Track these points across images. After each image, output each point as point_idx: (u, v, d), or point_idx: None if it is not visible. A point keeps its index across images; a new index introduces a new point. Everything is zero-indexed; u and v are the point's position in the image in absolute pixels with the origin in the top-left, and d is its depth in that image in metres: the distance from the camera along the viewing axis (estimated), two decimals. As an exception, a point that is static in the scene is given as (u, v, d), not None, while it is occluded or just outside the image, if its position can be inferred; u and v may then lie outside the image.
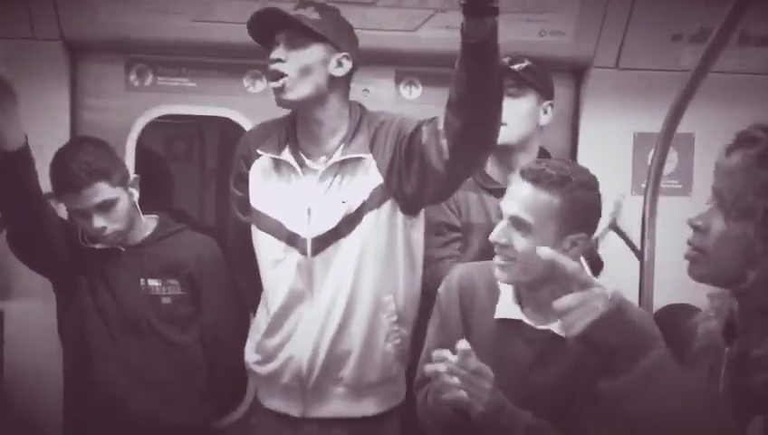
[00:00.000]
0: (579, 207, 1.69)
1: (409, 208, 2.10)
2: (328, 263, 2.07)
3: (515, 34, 2.51)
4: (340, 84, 2.08)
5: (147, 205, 2.38)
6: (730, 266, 1.29)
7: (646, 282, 2.12)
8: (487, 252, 1.85)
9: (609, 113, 2.68)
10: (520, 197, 1.71)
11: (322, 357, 2.09)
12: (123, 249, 2.28)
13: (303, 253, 2.07)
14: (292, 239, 2.08)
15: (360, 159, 2.06)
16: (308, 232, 2.07)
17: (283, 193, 2.11)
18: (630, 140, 2.71)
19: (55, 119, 2.56)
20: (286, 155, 2.10)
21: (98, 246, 2.26)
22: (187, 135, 3.10)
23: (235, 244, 2.29)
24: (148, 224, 2.36)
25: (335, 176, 2.08)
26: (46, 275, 2.31)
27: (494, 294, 1.83)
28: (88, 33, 2.51)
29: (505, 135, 2.20)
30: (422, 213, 2.17)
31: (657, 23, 2.58)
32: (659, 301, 2.21)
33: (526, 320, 1.78)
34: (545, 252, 1.40)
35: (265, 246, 2.13)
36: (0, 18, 2.40)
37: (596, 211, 1.74)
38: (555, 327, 1.74)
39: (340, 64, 2.06)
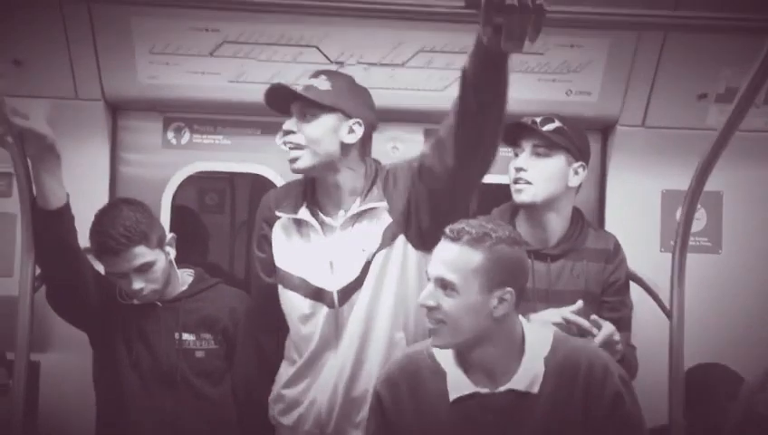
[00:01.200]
0: (501, 262, 1.69)
1: (424, 243, 2.10)
2: (351, 310, 2.11)
3: (542, 94, 2.57)
4: (354, 148, 2.13)
5: (181, 257, 2.42)
6: None
7: (676, 340, 2.10)
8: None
9: (636, 171, 2.71)
10: (443, 257, 1.72)
11: (340, 401, 2.11)
12: (160, 304, 2.32)
13: (331, 305, 2.11)
14: (318, 294, 2.12)
15: (376, 208, 2.11)
16: (333, 285, 2.11)
17: (304, 250, 2.15)
18: (658, 198, 2.72)
19: (95, 173, 2.65)
20: (304, 214, 2.15)
21: (135, 301, 2.30)
22: (218, 188, 3.16)
23: (260, 305, 2.30)
24: (184, 279, 2.41)
25: (353, 226, 2.12)
26: (83, 329, 2.34)
27: (439, 375, 1.80)
28: (128, 93, 2.62)
29: (530, 194, 2.24)
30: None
31: (682, 82, 2.61)
32: (690, 360, 2.19)
33: (482, 390, 1.75)
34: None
35: (293, 304, 2.16)
36: (46, 79, 2.50)
37: (520, 266, 1.75)
38: (515, 383, 1.74)
39: (351, 131, 2.11)
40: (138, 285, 2.20)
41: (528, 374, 1.74)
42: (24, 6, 2.34)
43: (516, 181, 2.26)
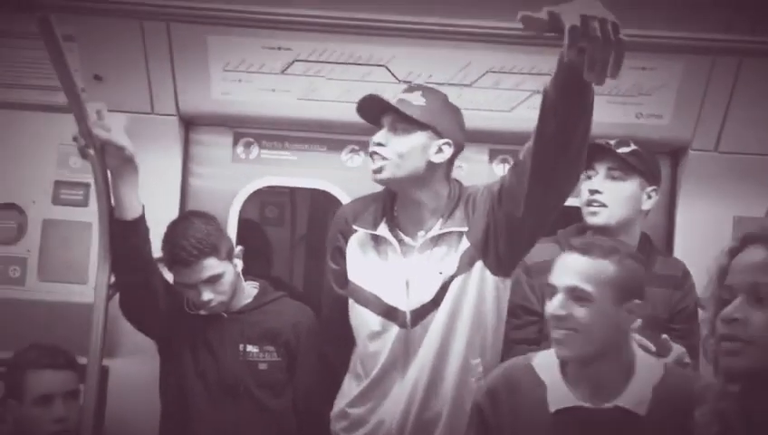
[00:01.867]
0: (630, 274, 1.74)
1: (502, 269, 2.11)
2: (424, 332, 2.10)
3: (612, 117, 2.53)
4: (440, 168, 2.12)
5: (246, 269, 2.46)
6: None
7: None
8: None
9: (708, 197, 2.64)
10: (574, 267, 1.74)
11: (411, 424, 2.09)
12: (225, 315, 2.36)
13: (403, 325, 2.10)
14: (390, 312, 2.12)
15: (457, 232, 2.10)
16: (407, 305, 2.10)
17: (380, 267, 2.15)
18: (730, 225, 2.65)
19: (167, 184, 2.72)
20: (383, 231, 2.14)
21: (202, 311, 2.35)
22: (279, 201, 3.22)
23: (329, 316, 2.33)
24: (249, 291, 2.45)
25: (432, 249, 2.11)
26: (152, 337, 2.40)
27: (539, 388, 1.79)
28: (202, 108, 2.69)
29: (605, 217, 2.22)
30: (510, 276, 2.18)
31: (758, 106, 2.54)
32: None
33: (586, 404, 1.74)
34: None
35: (363, 319, 2.16)
36: (124, 94, 2.59)
37: (642, 281, 1.79)
38: (622, 401, 1.71)
39: (440, 150, 2.09)
40: (207, 296, 2.25)
41: (636, 395, 1.73)
42: (106, 25, 2.42)
43: (590, 203, 2.24)
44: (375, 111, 2.13)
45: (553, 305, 1.74)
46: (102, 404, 2.57)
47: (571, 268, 1.74)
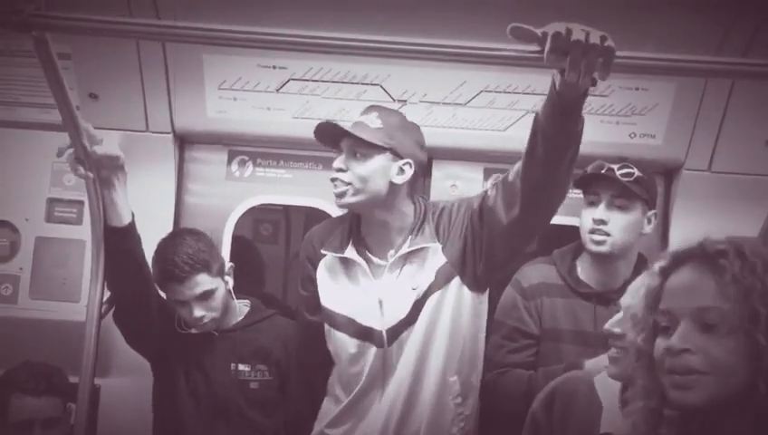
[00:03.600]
0: None
1: (479, 285, 2.11)
2: (401, 350, 2.09)
3: (605, 137, 2.55)
4: (403, 188, 2.10)
5: (238, 287, 2.46)
6: (738, 381, 1.20)
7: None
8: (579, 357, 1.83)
9: (701, 216, 2.64)
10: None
11: None
12: (216, 334, 2.35)
13: (380, 345, 2.09)
14: (366, 333, 2.11)
15: (425, 247, 2.09)
16: (382, 324, 2.09)
17: (351, 290, 2.14)
18: (723, 244, 2.65)
19: (162, 201, 2.72)
20: (351, 253, 2.13)
21: (193, 330, 2.34)
22: (273, 219, 3.21)
23: (302, 343, 2.30)
24: (240, 309, 2.44)
25: (403, 266, 2.10)
26: (144, 355, 2.39)
27: (594, 408, 1.74)
28: (197, 126, 2.70)
29: (608, 245, 2.20)
30: (487, 291, 2.18)
31: (751, 127, 2.56)
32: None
33: None
34: None
35: (340, 343, 2.15)
36: (119, 112, 2.60)
37: None
38: None
39: (401, 171, 2.08)
40: (198, 312, 2.24)
41: None
42: (101, 43, 2.43)
43: (594, 232, 2.22)
44: (333, 135, 2.11)
45: (610, 322, 1.70)
46: (94, 423, 2.56)
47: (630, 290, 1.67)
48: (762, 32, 2.28)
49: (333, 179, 2.09)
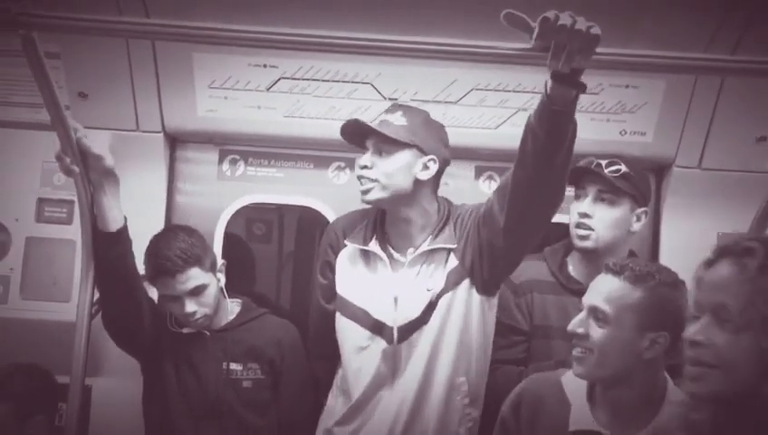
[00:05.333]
0: (659, 304, 1.68)
1: (487, 289, 2.12)
2: (411, 349, 2.10)
3: (596, 134, 2.55)
4: (427, 185, 2.14)
5: (231, 286, 2.46)
6: (742, 379, 1.24)
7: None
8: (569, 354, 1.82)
9: (692, 213, 2.65)
10: (600, 288, 1.73)
11: None
12: (208, 333, 2.35)
13: (389, 341, 2.10)
14: (377, 327, 2.12)
15: (445, 248, 2.10)
16: (394, 320, 2.10)
17: (369, 282, 2.16)
18: (714, 241, 2.66)
19: (153, 201, 2.72)
20: (374, 247, 2.15)
21: (185, 330, 2.33)
22: (266, 218, 3.20)
23: (316, 331, 2.32)
24: (232, 308, 2.44)
25: (421, 265, 2.12)
26: (135, 356, 2.38)
27: (563, 407, 1.78)
28: (187, 125, 2.68)
29: (592, 240, 2.22)
30: (496, 295, 2.19)
31: (741, 124, 2.56)
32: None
33: (604, 431, 1.71)
34: None
35: (350, 334, 2.16)
36: (109, 111, 2.58)
37: (679, 312, 1.68)
38: None
39: (426, 168, 2.11)
40: (191, 308, 2.24)
41: (662, 430, 1.67)
42: (91, 42, 2.42)
43: (578, 226, 2.24)
44: (358, 134, 2.15)
45: (573, 322, 1.73)
46: (85, 424, 2.55)
47: (597, 288, 1.73)
48: (751, 29, 2.29)
49: (360, 177, 2.12)
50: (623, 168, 2.23)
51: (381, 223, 2.20)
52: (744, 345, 1.23)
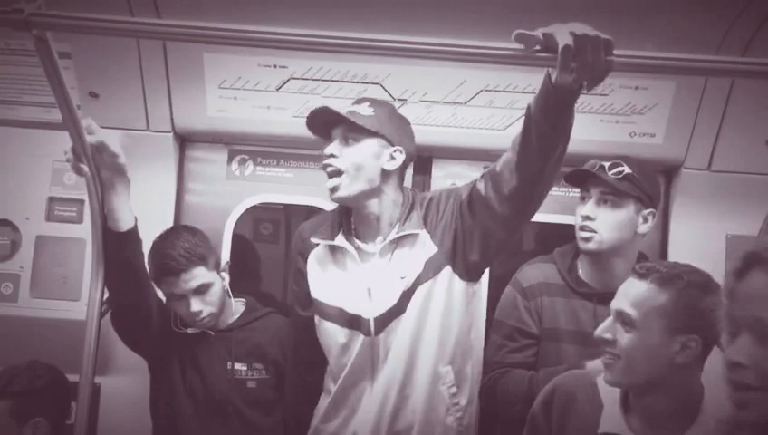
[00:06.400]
0: (689, 307, 1.61)
1: (471, 274, 2.11)
2: (390, 340, 2.09)
3: (605, 136, 2.55)
4: (393, 176, 2.13)
5: (236, 286, 2.47)
6: None
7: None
8: (580, 358, 1.82)
9: (701, 215, 2.65)
10: (627, 292, 1.67)
11: (384, 433, 2.08)
12: (213, 333, 2.36)
13: (367, 333, 2.09)
14: (354, 322, 2.11)
15: (414, 234, 2.10)
16: (370, 312, 2.09)
17: (341, 279, 2.15)
18: (723, 243, 2.66)
19: (162, 200, 2.73)
20: (341, 241, 2.14)
21: (189, 330, 2.34)
22: (273, 218, 3.21)
23: (298, 340, 2.30)
24: (236, 308, 2.44)
25: (392, 253, 2.11)
26: (142, 355, 2.39)
27: (595, 407, 1.73)
28: (197, 125, 2.70)
29: (596, 243, 2.20)
30: (485, 278, 2.18)
31: (750, 126, 2.56)
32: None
33: None
34: None
35: (330, 335, 2.15)
36: (120, 111, 2.60)
37: (712, 315, 1.58)
38: None
39: (392, 158, 2.11)
40: (196, 307, 2.25)
41: None
42: (102, 42, 2.43)
43: (582, 229, 2.23)
44: (325, 125, 2.14)
45: (600, 327, 1.69)
46: (94, 421, 2.56)
47: (624, 292, 1.68)
48: (762, 31, 2.28)
49: (326, 166, 2.10)
50: (626, 169, 2.21)
51: (347, 218, 2.19)
52: None
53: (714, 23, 2.28)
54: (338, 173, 2.08)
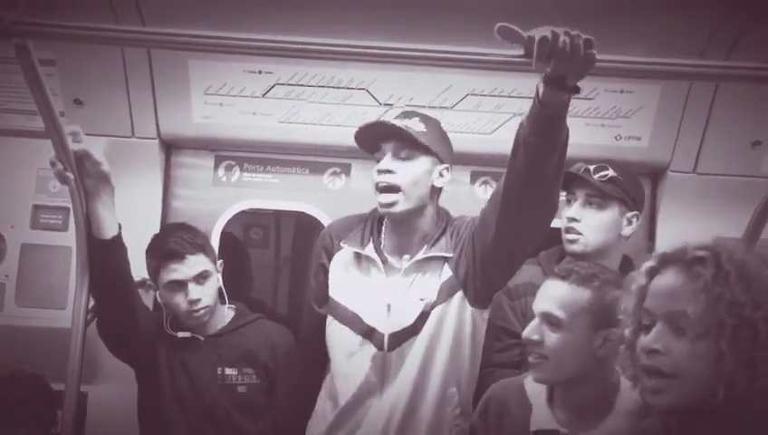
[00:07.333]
0: (607, 302, 1.73)
1: (480, 300, 2.12)
2: (402, 358, 2.09)
3: (591, 139, 2.56)
4: (437, 193, 2.15)
5: (228, 292, 2.44)
6: (701, 386, 1.26)
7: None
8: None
9: (687, 218, 2.65)
10: (550, 293, 1.77)
11: None
12: (202, 338, 2.35)
13: (380, 347, 2.09)
14: (368, 333, 2.11)
15: (440, 258, 2.10)
16: (386, 327, 2.10)
17: (363, 287, 2.15)
18: (709, 245, 2.66)
19: (149, 207, 2.73)
20: (369, 251, 2.14)
21: (180, 334, 2.33)
22: (263, 223, 3.20)
23: (308, 337, 2.31)
24: (226, 313, 2.44)
25: (416, 274, 2.11)
26: (129, 363, 2.38)
27: (525, 409, 1.83)
28: (183, 132, 2.69)
29: (581, 245, 2.22)
30: (489, 308, 2.18)
31: (736, 128, 2.57)
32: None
33: (563, 430, 1.76)
34: None
35: (341, 338, 2.15)
36: (105, 118, 2.59)
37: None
38: (598, 432, 1.72)
39: (441, 175, 2.12)
40: (195, 294, 2.25)
41: (610, 431, 1.71)
42: (86, 49, 2.42)
43: (568, 231, 2.25)
44: (374, 136, 2.11)
45: (527, 330, 1.78)
46: (81, 431, 2.54)
47: (547, 294, 1.78)
48: (746, 35, 2.29)
49: (379, 184, 2.08)
50: (611, 172, 2.24)
51: (378, 229, 2.19)
52: (701, 353, 1.25)
53: (698, 28, 2.30)
54: (394, 189, 2.06)
